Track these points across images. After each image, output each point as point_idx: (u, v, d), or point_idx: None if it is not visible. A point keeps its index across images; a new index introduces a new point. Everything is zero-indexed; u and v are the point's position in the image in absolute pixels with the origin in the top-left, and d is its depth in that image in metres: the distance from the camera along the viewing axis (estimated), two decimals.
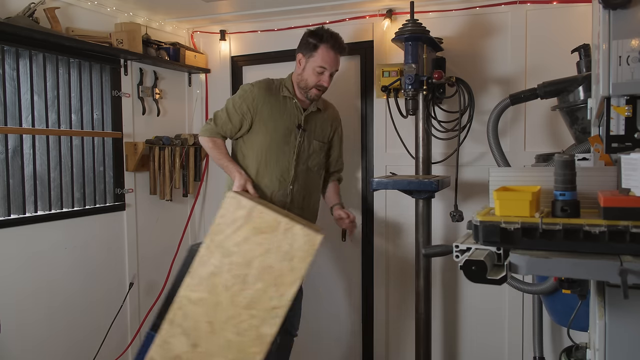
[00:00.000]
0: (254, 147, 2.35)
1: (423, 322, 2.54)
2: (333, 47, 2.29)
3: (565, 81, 2.17)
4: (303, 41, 2.34)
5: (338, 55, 2.33)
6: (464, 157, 2.71)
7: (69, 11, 2.59)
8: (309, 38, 2.31)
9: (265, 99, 2.33)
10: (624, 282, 1.05)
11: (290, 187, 2.36)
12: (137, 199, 2.98)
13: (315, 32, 2.32)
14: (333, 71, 2.33)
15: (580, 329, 1.93)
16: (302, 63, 2.33)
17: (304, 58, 2.32)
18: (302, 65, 2.33)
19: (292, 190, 2.37)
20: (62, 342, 2.58)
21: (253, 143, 2.35)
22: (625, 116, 1.20)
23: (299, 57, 2.34)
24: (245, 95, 2.34)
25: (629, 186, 1.24)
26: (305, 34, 2.35)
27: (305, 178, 2.41)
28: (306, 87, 2.33)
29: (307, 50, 2.31)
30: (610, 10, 1.14)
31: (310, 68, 2.30)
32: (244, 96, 2.34)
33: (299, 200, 2.39)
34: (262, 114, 2.33)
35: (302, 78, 2.33)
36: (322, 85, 2.32)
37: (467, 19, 2.70)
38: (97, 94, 2.80)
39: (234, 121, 2.34)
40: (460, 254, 1.26)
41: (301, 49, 2.34)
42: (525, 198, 1.25)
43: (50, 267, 2.52)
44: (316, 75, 2.30)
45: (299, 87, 2.36)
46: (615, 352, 1.20)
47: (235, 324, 1.97)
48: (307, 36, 2.33)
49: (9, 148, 2.38)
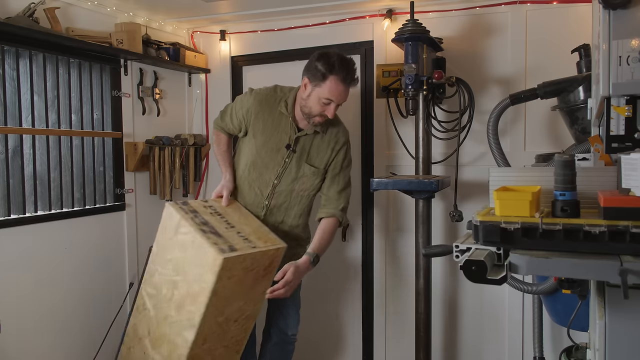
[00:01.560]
0: (244, 153, 2.34)
1: (423, 322, 2.54)
2: (344, 80, 2.05)
3: (565, 81, 2.17)
4: (311, 65, 2.09)
5: (348, 88, 2.10)
6: (464, 157, 2.71)
7: (69, 11, 2.59)
8: (317, 64, 2.05)
9: (259, 113, 2.23)
10: (624, 282, 1.05)
11: (266, 202, 2.28)
12: (137, 199, 2.98)
13: (327, 58, 2.05)
14: (340, 103, 2.13)
15: (580, 329, 1.93)
16: (307, 88, 2.11)
17: (310, 84, 2.10)
18: (308, 91, 2.11)
19: (267, 206, 2.28)
20: (62, 342, 2.58)
21: (244, 149, 2.35)
22: (625, 116, 1.21)
23: (304, 81, 2.12)
24: (242, 104, 2.31)
25: (629, 186, 1.24)
26: (315, 57, 2.09)
27: (287, 199, 2.28)
28: (309, 114, 2.14)
29: (314, 77, 2.07)
30: (610, 10, 1.14)
31: (316, 97, 2.09)
32: (242, 103, 2.32)
33: (274, 219, 2.30)
34: (254, 126, 2.26)
35: (306, 104, 2.13)
36: (326, 116, 2.13)
37: (467, 19, 2.70)
38: (97, 94, 2.80)
39: (234, 122, 2.35)
40: (460, 254, 1.26)
41: (308, 73, 2.11)
42: (525, 198, 1.25)
43: (50, 267, 2.52)
44: (321, 105, 2.09)
45: (302, 111, 2.17)
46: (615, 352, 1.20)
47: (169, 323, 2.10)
48: (316, 60, 2.07)
49: (9, 148, 2.38)
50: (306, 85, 2.12)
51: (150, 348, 2.18)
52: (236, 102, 2.37)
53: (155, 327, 2.16)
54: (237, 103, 2.35)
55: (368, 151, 2.96)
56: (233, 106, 2.37)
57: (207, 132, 3.34)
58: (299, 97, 2.20)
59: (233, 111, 2.35)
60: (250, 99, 2.27)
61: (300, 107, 2.18)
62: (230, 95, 3.27)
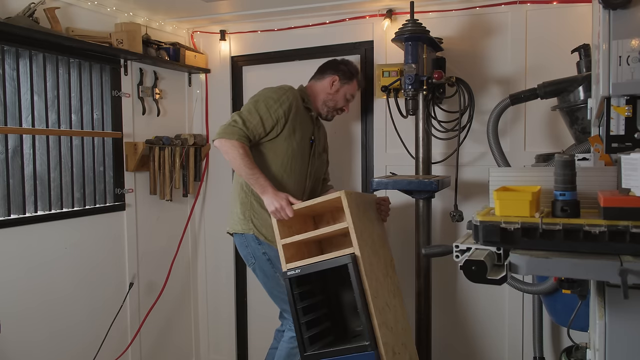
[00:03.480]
0: (279, 154, 2.31)
1: (423, 322, 2.54)
2: (359, 84, 2.57)
3: (565, 81, 2.17)
4: (341, 67, 2.47)
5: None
6: (464, 157, 2.71)
7: (69, 11, 2.59)
8: (344, 67, 2.47)
9: (298, 107, 2.36)
10: (624, 282, 1.05)
11: (303, 197, 2.38)
12: (137, 199, 2.98)
13: (350, 63, 2.51)
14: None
15: (580, 329, 1.94)
16: (335, 85, 2.45)
17: (339, 82, 2.45)
18: (336, 87, 2.45)
19: (305, 193, 2.43)
20: (62, 342, 2.58)
21: (278, 149, 2.31)
22: (625, 116, 1.21)
23: (333, 79, 2.45)
24: (282, 100, 2.29)
25: (629, 186, 1.24)
26: (340, 61, 2.50)
27: (312, 188, 2.49)
28: (334, 107, 2.48)
29: (344, 76, 2.46)
30: (610, 10, 1.14)
31: (344, 93, 2.47)
32: (281, 100, 2.29)
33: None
34: (294, 121, 2.32)
35: (334, 98, 2.46)
36: (344, 111, 2.53)
37: (467, 19, 2.70)
38: (97, 94, 2.80)
39: (267, 125, 2.27)
40: (460, 254, 1.26)
41: (338, 71, 2.46)
42: (525, 198, 1.25)
43: (50, 267, 2.52)
44: (345, 100, 2.49)
45: (325, 104, 2.47)
46: (615, 352, 1.20)
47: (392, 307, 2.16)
48: (344, 65, 2.48)
49: (9, 148, 2.38)
50: (335, 82, 2.45)
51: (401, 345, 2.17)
52: (267, 104, 2.27)
53: (394, 324, 2.15)
54: (270, 103, 2.27)
55: (368, 151, 2.96)
56: (261, 108, 2.26)
57: (207, 132, 3.34)
58: (321, 92, 2.46)
59: (265, 113, 2.26)
60: (291, 95, 2.33)
61: (324, 101, 2.47)
62: (230, 95, 3.27)
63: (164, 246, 3.18)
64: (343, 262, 1.98)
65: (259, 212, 2.32)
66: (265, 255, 2.31)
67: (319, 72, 2.53)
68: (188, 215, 3.36)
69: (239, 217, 2.36)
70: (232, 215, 2.41)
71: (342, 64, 2.49)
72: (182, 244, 3.29)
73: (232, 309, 3.37)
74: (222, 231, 3.35)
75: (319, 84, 2.48)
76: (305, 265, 2.06)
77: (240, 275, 3.36)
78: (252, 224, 2.33)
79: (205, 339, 3.46)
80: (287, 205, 2.12)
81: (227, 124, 2.25)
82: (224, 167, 3.31)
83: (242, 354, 3.39)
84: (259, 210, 2.32)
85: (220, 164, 3.32)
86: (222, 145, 2.21)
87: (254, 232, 2.32)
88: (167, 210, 3.20)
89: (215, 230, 3.37)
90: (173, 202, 3.16)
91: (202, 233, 3.43)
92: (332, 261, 2.01)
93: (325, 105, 2.48)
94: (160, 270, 3.15)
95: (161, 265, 3.15)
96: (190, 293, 3.42)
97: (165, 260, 3.18)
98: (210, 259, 3.42)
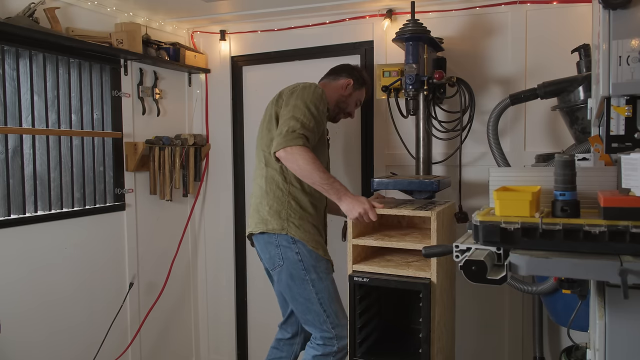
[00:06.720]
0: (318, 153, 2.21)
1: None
2: (367, 93, 2.60)
3: (565, 81, 2.17)
4: (355, 73, 2.49)
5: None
6: (464, 157, 2.70)
7: (69, 11, 2.59)
8: (358, 74, 2.50)
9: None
10: (624, 282, 1.05)
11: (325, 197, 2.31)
12: (137, 199, 2.98)
13: (363, 72, 2.55)
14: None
15: (580, 329, 1.93)
16: (348, 89, 2.46)
17: (352, 86, 2.47)
18: (349, 91, 2.46)
19: (326, 198, 2.34)
20: (62, 342, 2.58)
21: (317, 148, 2.22)
22: (625, 116, 1.21)
23: (348, 82, 2.45)
24: (322, 99, 2.22)
25: (629, 186, 1.24)
26: (354, 67, 2.54)
27: None
28: (344, 109, 2.49)
29: (358, 82, 2.48)
30: (610, 10, 1.14)
31: (355, 97, 2.50)
32: (322, 100, 2.22)
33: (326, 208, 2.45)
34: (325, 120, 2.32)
35: (346, 101, 2.47)
36: (350, 115, 2.54)
37: (467, 19, 2.70)
38: (97, 94, 2.80)
39: (319, 129, 2.18)
40: (460, 254, 1.26)
41: (352, 76, 2.47)
42: (525, 198, 1.25)
43: (50, 267, 2.52)
44: (354, 105, 2.52)
45: (337, 105, 2.46)
46: (615, 352, 1.20)
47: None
48: (357, 71, 2.51)
49: (9, 148, 2.38)
50: (349, 86, 2.46)
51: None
52: (315, 102, 2.18)
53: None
54: (318, 104, 2.19)
55: (368, 151, 2.96)
56: (313, 111, 2.15)
57: (207, 132, 3.34)
58: (335, 92, 2.44)
59: (317, 116, 2.16)
60: (324, 94, 2.26)
61: (337, 102, 2.46)
62: (230, 95, 3.27)
63: (164, 246, 3.18)
64: (417, 288, 1.91)
65: (297, 212, 2.24)
66: (298, 256, 2.20)
67: (333, 73, 2.49)
68: (188, 215, 3.36)
69: (273, 216, 2.23)
70: (258, 215, 2.28)
71: (355, 70, 2.51)
72: (182, 244, 3.29)
73: (232, 309, 3.36)
74: (222, 231, 3.36)
75: (334, 84, 2.46)
76: (374, 276, 1.98)
77: (240, 275, 3.36)
78: (289, 224, 2.21)
79: (205, 340, 3.46)
80: (370, 209, 2.02)
81: (286, 132, 2.06)
82: (224, 167, 3.31)
83: (242, 354, 3.39)
84: (297, 210, 2.24)
85: (220, 164, 3.32)
86: (288, 154, 2.04)
87: (287, 231, 2.21)
88: (167, 211, 3.20)
89: (215, 230, 3.37)
90: (173, 202, 3.16)
91: (202, 233, 3.43)
92: (405, 282, 1.94)
93: (338, 106, 2.46)
94: (160, 271, 3.15)
95: (161, 266, 3.15)
96: (190, 293, 3.42)
97: (165, 261, 3.18)
98: (211, 259, 3.42)
